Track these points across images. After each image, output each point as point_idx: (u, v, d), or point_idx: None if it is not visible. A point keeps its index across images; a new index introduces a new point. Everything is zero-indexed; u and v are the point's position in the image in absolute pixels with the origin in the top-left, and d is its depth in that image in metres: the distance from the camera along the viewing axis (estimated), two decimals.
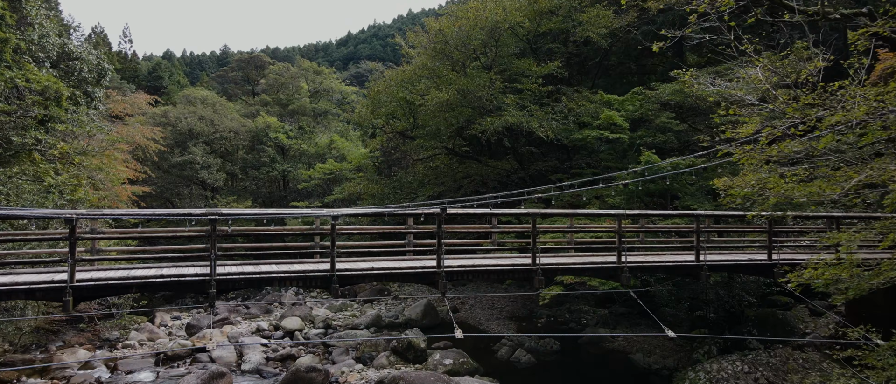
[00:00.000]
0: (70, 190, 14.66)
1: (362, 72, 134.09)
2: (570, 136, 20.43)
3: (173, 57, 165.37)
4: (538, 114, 20.47)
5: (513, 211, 13.02)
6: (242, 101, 52.61)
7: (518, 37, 24.05)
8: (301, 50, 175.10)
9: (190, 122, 40.97)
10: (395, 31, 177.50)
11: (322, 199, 42.49)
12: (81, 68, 17.85)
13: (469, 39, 21.96)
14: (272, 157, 43.38)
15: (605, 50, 24.03)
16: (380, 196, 25.02)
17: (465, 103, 21.55)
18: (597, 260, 11.88)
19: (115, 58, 74.40)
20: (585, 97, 21.71)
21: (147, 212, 10.12)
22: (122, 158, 28.44)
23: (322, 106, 49.43)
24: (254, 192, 44.08)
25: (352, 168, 40.07)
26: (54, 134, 16.04)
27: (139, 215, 9.32)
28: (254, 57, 58.05)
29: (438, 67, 23.73)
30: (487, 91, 21.03)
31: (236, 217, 9.64)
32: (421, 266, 10.53)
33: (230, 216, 9.39)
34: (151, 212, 10.83)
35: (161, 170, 42.28)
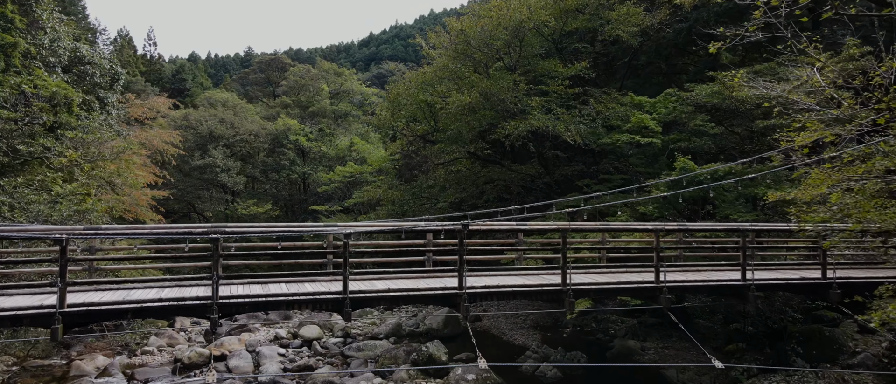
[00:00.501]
0: (78, 200, 14.13)
1: (384, 72, 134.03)
2: (599, 140, 19.43)
3: (198, 59, 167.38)
4: (565, 117, 19.50)
5: (540, 226, 12.10)
6: (263, 103, 52.42)
7: (543, 36, 23.09)
8: (323, 51, 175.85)
9: (210, 125, 40.78)
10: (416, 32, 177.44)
11: (342, 203, 41.96)
12: (93, 73, 17.42)
13: (492, 39, 21.07)
14: (292, 159, 43.00)
15: (635, 49, 22.93)
16: (400, 202, 24.26)
17: (487, 106, 20.67)
18: (632, 278, 10.92)
19: (140, 60, 75.29)
20: (614, 99, 20.66)
21: (148, 228, 9.47)
22: (141, 163, 28.17)
23: (342, 107, 48.96)
24: (274, 195, 43.76)
25: (372, 171, 39.45)
26: (64, 141, 15.57)
27: (137, 233, 8.70)
28: (274, 59, 57.88)
29: (460, 69, 22.89)
30: (511, 93, 20.12)
31: (241, 235, 8.92)
32: (441, 287, 9.70)
33: (234, 233, 8.68)
34: (152, 227, 10.20)
35: (182, 173, 42.20)
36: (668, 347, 18.99)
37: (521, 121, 19.52)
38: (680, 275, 11.39)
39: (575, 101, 21.27)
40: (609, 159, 21.82)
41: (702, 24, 22.49)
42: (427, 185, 25.04)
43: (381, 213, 25.51)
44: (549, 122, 18.89)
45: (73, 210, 13.47)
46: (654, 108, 19.78)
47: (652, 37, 22.14)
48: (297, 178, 44.06)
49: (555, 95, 20.61)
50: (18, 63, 15.14)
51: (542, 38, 23.20)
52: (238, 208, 39.76)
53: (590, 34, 24.82)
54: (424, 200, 24.28)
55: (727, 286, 10.80)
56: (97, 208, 14.20)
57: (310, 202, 44.82)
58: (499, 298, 9.73)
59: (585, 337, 21.60)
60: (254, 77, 60.99)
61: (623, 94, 21.39)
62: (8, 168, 13.90)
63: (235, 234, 8.79)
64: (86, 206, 13.78)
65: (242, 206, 39.98)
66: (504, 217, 20.99)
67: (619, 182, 21.00)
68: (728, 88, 16.44)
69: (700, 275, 11.65)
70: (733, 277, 10.98)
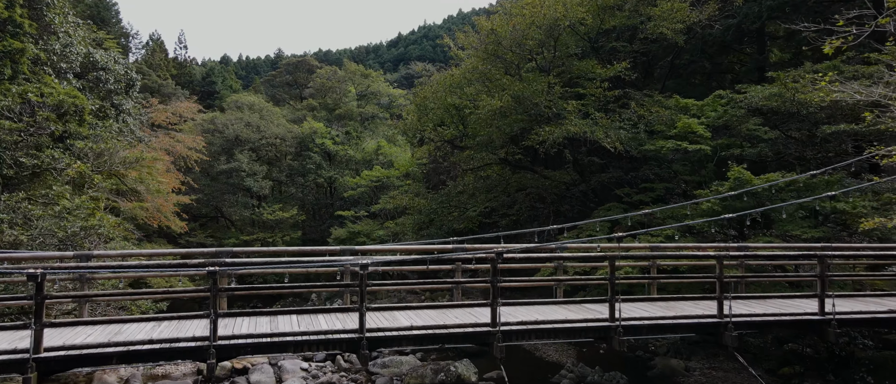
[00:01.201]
0: (86, 214, 13.31)
1: (412, 73, 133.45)
2: (641, 146, 17.95)
3: (230, 61, 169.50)
4: (603, 122, 18.07)
5: (582, 247, 10.80)
6: (290, 106, 51.91)
7: (578, 35, 21.66)
8: (352, 52, 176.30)
9: (236, 129, 40.30)
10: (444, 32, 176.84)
11: (368, 208, 41.03)
12: (107, 79, 16.67)
13: (524, 39, 19.74)
14: (318, 163, 42.27)
15: (678, 48, 21.31)
16: (427, 211, 23.06)
17: (520, 110, 19.37)
18: (690, 310, 9.53)
19: (171, 64, 75.84)
20: (657, 102, 19.15)
21: (144, 253, 8.48)
22: (165, 169, 27.62)
23: (369, 110, 48.09)
24: (300, 199, 43.09)
25: (399, 175, 38.45)
26: (74, 151, 14.80)
27: (127, 266, 7.70)
28: (302, 61, 57.36)
29: (490, 71, 21.62)
30: (545, 97, 18.79)
31: (242, 266, 7.86)
32: (472, 324, 8.48)
33: (235, 267, 7.63)
34: (149, 252, 9.22)
35: (209, 177, 41.82)
36: (714, 368, 17.41)
37: (556, 126, 18.17)
38: (743, 306, 9.94)
39: (614, 105, 19.81)
40: (649, 165, 20.29)
41: (752, 19, 20.81)
42: (455, 191, 23.81)
43: (408, 223, 24.35)
44: (587, 128, 17.50)
45: (78, 226, 12.64)
46: (701, 112, 18.23)
47: (697, 34, 20.52)
48: (323, 183, 43.32)
49: (592, 98, 19.21)
50: (27, 70, 14.40)
51: (577, 37, 21.78)
52: (263, 213, 39.17)
53: (628, 32, 23.30)
54: (453, 209, 23.06)
55: (803, 321, 9.33)
56: (105, 223, 13.34)
57: (336, 207, 44.01)
58: (537, 336, 8.47)
59: (624, 354, 20.15)
60: (281, 79, 60.64)
61: (667, 96, 19.84)
62: (14, 181, 13.13)
63: (236, 267, 7.76)
64: (93, 222, 12.93)
65: (268, 211, 39.38)
66: (539, 235, 19.66)
67: (662, 191, 19.48)
68: (790, 89, 14.84)
69: (767, 306, 10.17)
70: (809, 310, 9.49)
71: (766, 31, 23.61)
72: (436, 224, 22.91)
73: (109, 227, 13.85)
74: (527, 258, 9.43)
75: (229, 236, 39.05)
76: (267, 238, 38.97)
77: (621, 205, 19.71)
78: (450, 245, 10.43)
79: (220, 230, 42.53)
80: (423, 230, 23.64)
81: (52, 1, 15.38)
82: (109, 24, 70.23)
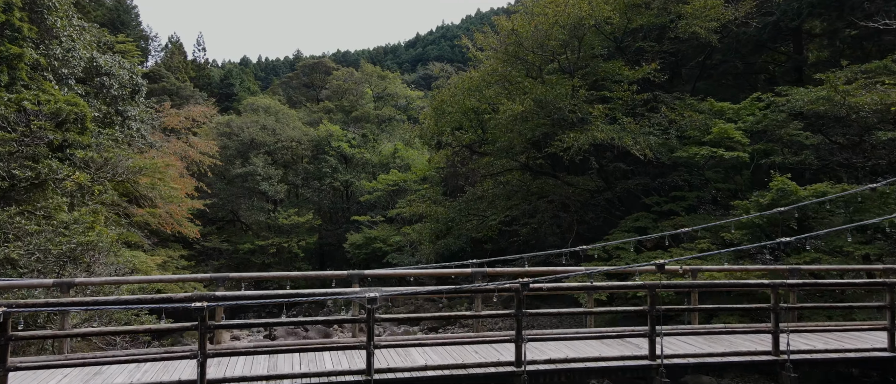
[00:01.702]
0: (84, 228, 12.58)
1: (430, 73, 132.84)
2: (673, 153, 16.80)
3: (249, 63, 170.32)
4: (632, 127, 16.96)
5: (618, 270, 9.76)
6: (306, 108, 51.33)
7: (603, 35, 20.54)
8: (370, 53, 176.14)
9: (252, 132, 39.77)
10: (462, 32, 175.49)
11: (384, 213, 40.20)
12: (111, 84, 15.98)
13: (547, 40, 18.68)
14: (334, 166, 41.57)
15: (710, 47, 20.07)
16: (444, 220, 22.09)
17: (542, 114, 18.33)
18: (741, 344, 8.44)
19: (190, 66, 75.94)
20: (689, 106, 17.98)
21: (131, 281, 7.66)
22: (177, 174, 27.07)
23: (386, 112, 47.29)
24: (316, 203, 42.41)
25: (416, 179, 37.56)
26: (74, 161, 14.10)
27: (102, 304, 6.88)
28: (318, 62, 56.80)
29: (510, 73, 20.61)
30: (569, 101, 17.73)
31: (233, 300, 7.00)
32: (494, 362, 7.52)
33: (226, 301, 6.77)
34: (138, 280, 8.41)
35: (224, 181, 41.36)
36: None
37: (581, 132, 17.10)
38: (800, 339, 8.82)
39: (642, 108, 18.67)
40: (678, 172, 19.10)
41: (791, 16, 19.53)
42: (474, 198, 22.78)
43: (425, 232, 23.40)
44: (615, 134, 16.41)
45: (74, 242, 11.91)
46: (737, 116, 17.03)
47: (733, 33, 19.27)
48: (339, 186, 42.61)
49: (620, 102, 18.10)
50: (25, 76, 13.71)
51: (602, 37, 20.66)
52: (279, 218, 38.57)
53: (655, 31, 22.10)
54: (471, 217, 22.07)
55: (872, 359, 8.19)
56: (105, 238, 12.60)
57: (352, 211, 43.27)
58: (568, 378, 7.48)
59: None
60: (297, 81, 60.16)
61: (700, 99, 18.64)
62: (9, 194, 12.44)
63: (227, 301, 6.91)
64: (91, 237, 12.20)
65: (283, 216, 38.77)
66: (568, 255, 18.57)
67: (694, 200, 18.29)
68: (840, 92, 13.61)
69: (827, 339, 9.03)
70: (878, 346, 8.34)
71: (804, 28, 22.27)
72: (454, 232, 21.95)
73: (109, 241, 13.09)
74: (556, 288, 8.43)
75: (245, 241, 38.53)
76: (282, 243, 38.38)
77: (650, 214, 18.56)
78: (469, 268, 9.46)
79: (235, 234, 42.07)
80: (440, 239, 22.69)
81: (54, 4, 14.69)
82: (129, 27, 70.53)
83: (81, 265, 12.63)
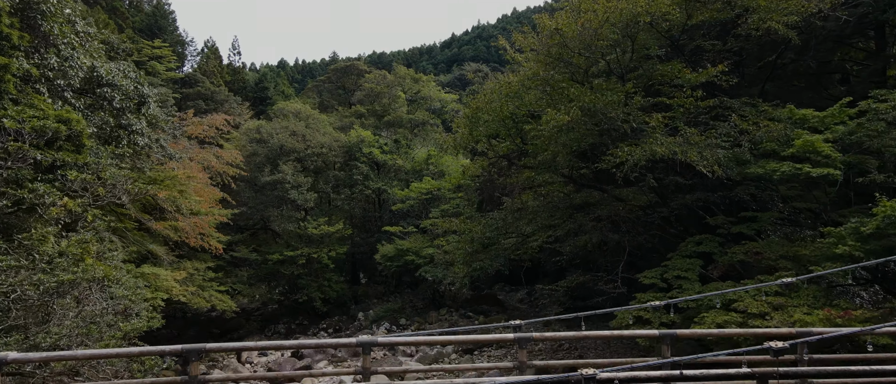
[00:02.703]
0: (73, 261, 11.10)
1: (466, 74, 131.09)
2: (746, 169, 14.46)
3: (286, 65, 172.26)
4: (696, 139, 14.66)
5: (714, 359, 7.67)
6: (337, 113, 50.04)
7: (659, 33, 18.23)
8: (406, 54, 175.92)
9: (281, 139, 38.56)
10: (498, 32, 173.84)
11: (417, 222, 38.45)
12: (112, 96, 14.55)
13: (595, 40, 16.52)
14: (366, 173, 40.03)
15: (785, 45, 17.53)
16: (479, 240, 20.10)
17: (589, 123, 16.20)
18: None
19: (225, 70, 75.95)
20: (762, 113, 15.57)
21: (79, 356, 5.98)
22: (200, 185, 25.89)
23: (419, 116, 45.56)
24: (347, 212, 40.99)
25: (450, 187, 35.72)
26: (68, 183, 12.64)
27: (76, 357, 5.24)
28: (350, 65, 55.51)
29: (553, 77, 18.49)
30: (622, 109, 15.55)
31: None
32: None
33: None
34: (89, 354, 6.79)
35: (253, 189, 40.31)
36: None
37: (636, 145, 14.91)
38: None
39: (705, 116, 16.32)
40: (744, 186, 16.66)
41: (882, 7, 16.88)
42: (513, 212, 20.70)
43: (458, 252, 21.37)
44: (677, 148, 14.16)
45: (54, 281, 10.41)
46: (823, 125, 14.55)
47: (816, 28, 16.74)
48: (370, 194, 41.06)
49: (680, 110, 15.81)
50: (13, 88, 12.30)
51: (656, 36, 18.35)
52: (308, 227, 37.23)
53: (717, 28, 19.69)
54: (509, 235, 20.02)
55: None
56: (95, 272, 11.10)
57: (384, 220, 41.69)
58: None
59: None
60: (329, 85, 59.04)
61: (774, 104, 16.17)
62: None
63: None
64: (77, 273, 10.69)
65: (313, 225, 37.43)
66: (620, 280, 16.38)
67: (769, 221, 15.84)
68: None
69: None
70: None
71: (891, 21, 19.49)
72: (490, 252, 19.94)
73: (103, 273, 11.58)
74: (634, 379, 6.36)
75: (273, 251, 37.34)
76: (312, 253, 37.04)
77: (716, 238, 16.20)
78: (510, 333, 7.50)
79: (265, 243, 40.99)
80: (475, 261, 20.72)
81: (50, 8, 13.27)
82: (166, 32, 70.96)
83: (69, 302, 11.17)
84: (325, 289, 38.50)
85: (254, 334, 39.30)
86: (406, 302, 39.49)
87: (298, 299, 37.48)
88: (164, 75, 61.03)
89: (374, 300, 41.99)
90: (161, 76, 60.85)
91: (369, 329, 34.19)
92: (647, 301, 15.66)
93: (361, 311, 38.75)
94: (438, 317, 34.25)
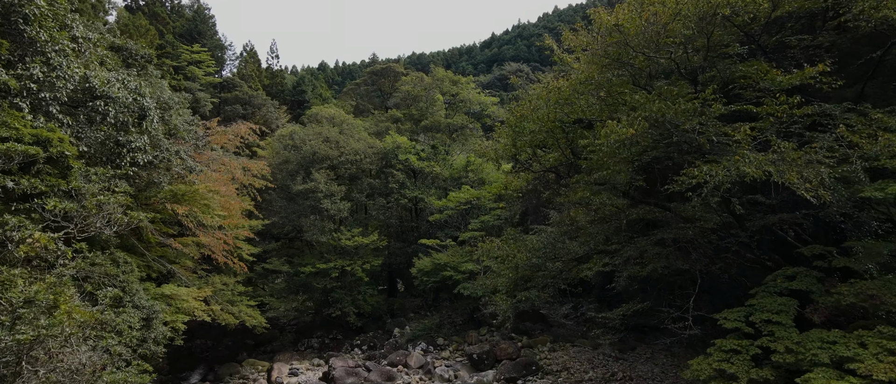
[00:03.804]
0: (44, 308, 9.29)
1: (506, 74, 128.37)
2: (860, 193, 11.69)
3: (326, 68, 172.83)
4: (793, 155, 11.94)
5: None
6: (373, 117, 48.30)
7: (736, 28, 15.50)
8: (445, 54, 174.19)
9: (314, 145, 36.93)
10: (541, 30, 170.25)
11: (456, 233, 36.26)
12: (107, 110, 12.81)
13: (663, 37, 13.96)
14: (401, 181, 38.05)
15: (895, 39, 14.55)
16: (524, 266, 17.63)
17: (658, 136, 13.66)
18: None
19: (264, 74, 75.42)
20: (875, 121, 12.71)
21: None
22: (222, 200, 24.32)
23: (458, 120, 43.33)
24: (382, 222, 39.08)
25: (491, 196, 33.34)
26: (45, 214, 10.90)
27: None
28: (386, 68, 53.72)
29: (610, 80, 16.00)
30: (697, 119, 12.95)
31: None
32: None
33: None
34: None
35: (286, 198, 38.87)
36: None
37: (715, 162, 12.30)
38: None
39: (798, 126, 13.54)
40: (839, 204, 13.79)
41: None
42: (561, 233, 18.23)
43: (500, 281, 18.92)
44: (771, 168, 11.49)
45: (13, 339, 8.61)
46: None
47: None
48: (407, 203, 39.06)
49: (770, 119, 13.08)
50: None
51: (734, 32, 15.62)
52: (342, 238, 35.48)
53: (803, 19, 16.82)
54: (557, 260, 17.56)
55: None
56: (67, 330, 9.26)
57: (422, 231, 39.65)
58: None
59: None
60: (365, 88, 57.41)
61: (889, 111, 13.27)
62: None
63: None
64: (40, 330, 8.87)
65: (346, 236, 35.65)
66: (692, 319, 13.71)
67: (888, 256, 12.93)
68: None
69: None
70: None
71: None
72: (537, 282, 17.52)
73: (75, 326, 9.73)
74: None
75: (306, 262, 35.74)
76: (346, 266, 35.29)
77: (813, 273, 13.41)
78: None
79: (298, 253, 39.52)
80: (519, 291, 18.31)
81: (35, 12, 11.56)
82: (205, 37, 70.83)
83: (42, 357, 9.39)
84: (359, 302, 36.72)
85: (287, 347, 37.82)
86: (444, 317, 37.37)
87: (331, 314, 35.79)
88: (203, 80, 60.66)
89: (411, 314, 40.02)
90: (200, 80, 60.51)
91: (405, 348, 32.15)
92: (729, 349, 13.08)
93: (397, 327, 36.81)
94: (478, 336, 31.95)
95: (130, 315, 19.97)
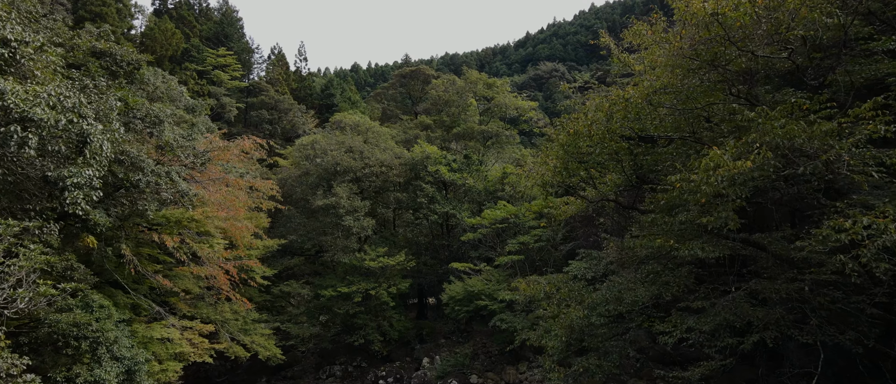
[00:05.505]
0: None
1: (542, 74, 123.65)
2: None
3: (359, 69, 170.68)
4: None
5: None
6: (401, 123, 44.90)
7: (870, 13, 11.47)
8: (479, 54, 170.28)
9: (336, 156, 33.71)
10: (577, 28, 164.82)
11: (490, 255, 32.56)
12: (26, 139, 9.61)
13: (782, 29, 10.06)
14: (431, 195, 34.50)
15: None
16: (580, 327, 13.64)
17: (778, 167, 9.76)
18: None
19: (292, 77, 72.86)
20: None
21: None
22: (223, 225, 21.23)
23: (493, 127, 39.56)
24: (410, 240, 35.61)
25: (532, 214, 29.51)
26: None
27: None
28: (416, 70, 50.26)
29: (693, 88, 12.14)
30: (840, 145, 9.04)
31: None
32: None
33: None
34: None
35: (305, 214, 35.81)
36: None
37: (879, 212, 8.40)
38: None
39: None
40: None
41: None
42: (629, 285, 14.36)
43: (550, 341, 15.10)
44: None
45: None
46: None
47: None
48: (436, 219, 35.49)
49: None
50: None
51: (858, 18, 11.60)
52: (365, 258, 32.15)
53: None
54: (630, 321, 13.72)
55: None
56: None
57: (454, 249, 36.00)
58: None
59: None
60: (393, 92, 54.09)
61: None
62: None
63: None
64: None
65: (370, 257, 32.31)
66: None
67: None
68: None
69: None
70: None
71: None
72: (595, 343, 13.68)
73: None
74: None
75: (326, 284, 32.56)
76: (370, 289, 31.98)
77: None
78: None
79: (320, 271, 36.45)
80: (573, 352, 14.50)
81: None
82: (233, 40, 68.69)
83: None
84: (384, 329, 33.40)
85: (309, 373, 34.85)
86: (478, 346, 33.74)
87: (354, 342, 32.52)
88: (228, 84, 58.23)
89: (442, 340, 36.53)
90: (225, 85, 58.12)
91: None
92: None
93: (426, 356, 33.39)
94: (518, 373, 28.28)
95: (107, 369, 16.93)
